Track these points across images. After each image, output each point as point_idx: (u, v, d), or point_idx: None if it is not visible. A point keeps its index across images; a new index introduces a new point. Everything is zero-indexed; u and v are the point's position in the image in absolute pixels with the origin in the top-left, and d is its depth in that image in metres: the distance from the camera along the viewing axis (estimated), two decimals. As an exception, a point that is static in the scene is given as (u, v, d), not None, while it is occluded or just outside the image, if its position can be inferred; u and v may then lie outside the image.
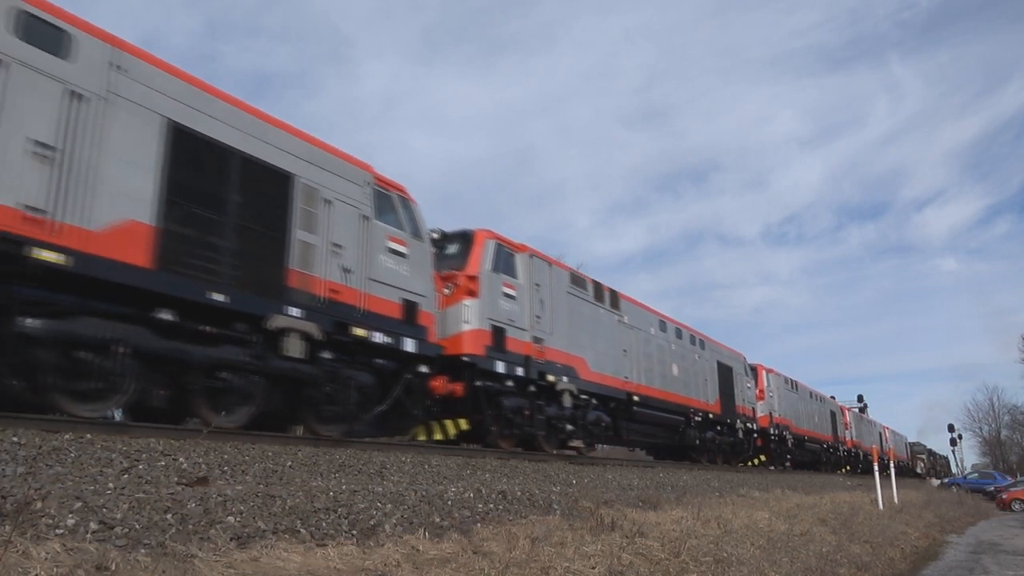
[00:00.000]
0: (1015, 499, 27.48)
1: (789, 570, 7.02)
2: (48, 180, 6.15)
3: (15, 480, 4.11)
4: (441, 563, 4.61)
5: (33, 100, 6.13)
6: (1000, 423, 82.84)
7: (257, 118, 8.23)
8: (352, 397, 8.81)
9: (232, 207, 7.63)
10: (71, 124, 6.41)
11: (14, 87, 6.00)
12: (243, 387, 7.71)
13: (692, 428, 18.44)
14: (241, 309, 7.58)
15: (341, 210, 8.95)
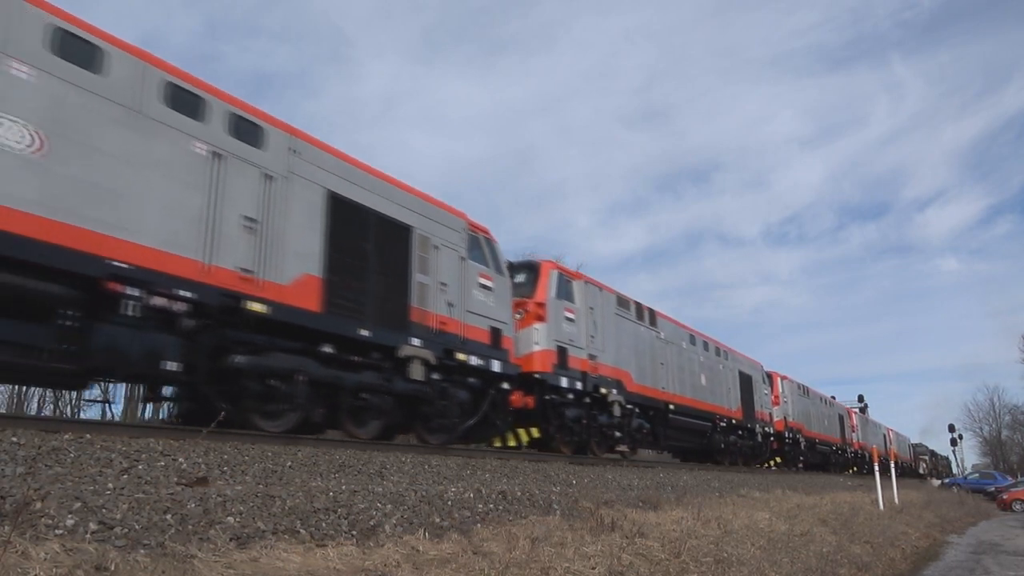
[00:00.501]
0: (1016, 499, 27.46)
1: (789, 570, 7.01)
2: (254, 246, 7.87)
3: (14, 480, 4.11)
4: (441, 563, 4.60)
5: (242, 184, 7.85)
6: (1000, 423, 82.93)
7: (385, 181, 9.97)
8: (454, 411, 10.46)
9: (371, 257, 9.40)
10: (266, 200, 8.12)
11: (230, 175, 7.73)
12: (378, 405, 9.25)
13: (718, 433, 19.94)
14: (379, 342, 9.21)
15: (445, 253, 10.74)
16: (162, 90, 7.28)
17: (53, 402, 27.41)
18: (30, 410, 25.94)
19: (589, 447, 13.67)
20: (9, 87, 6.06)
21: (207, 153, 7.59)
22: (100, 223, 6.54)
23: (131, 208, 6.82)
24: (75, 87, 6.54)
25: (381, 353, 9.25)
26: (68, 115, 6.45)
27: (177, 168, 7.28)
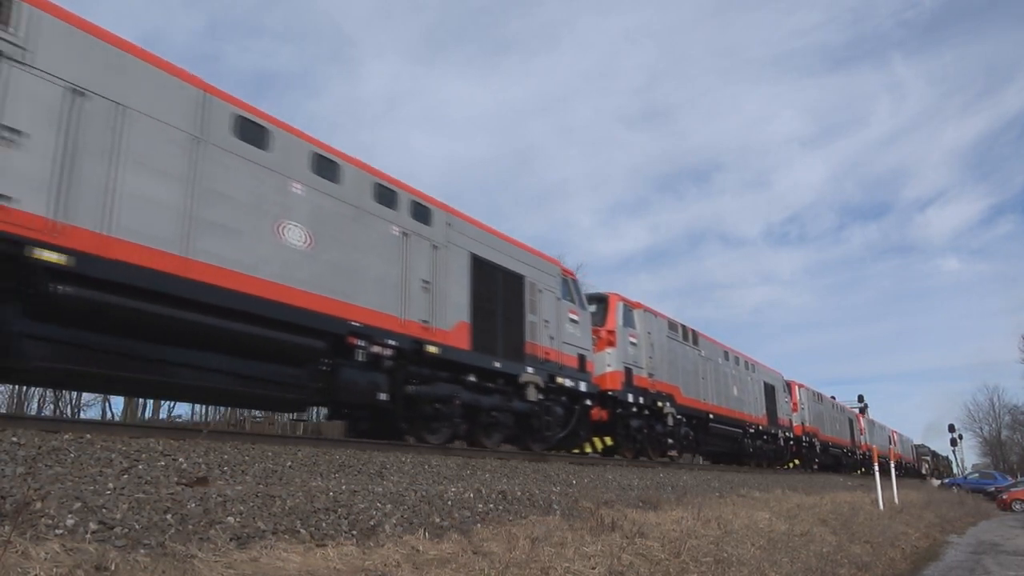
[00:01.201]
0: (1016, 499, 27.45)
1: (789, 570, 7.01)
2: (429, 302, 10.18)
3: (15, 480, 4.11)
4: (441, 563, 4.60)
5: (420, 254, 10.23)
6: (1000, 423, 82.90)
7: (506, 240, 12.38)
8: (554, 424, 12.59)
9: (499, 303, 11.66)
10: (434, 265, 10.43)
11: (412, 249, 10.09)
12: (503, 421, 11.44)
13: (747, 438, 22.46)
14: (506, 371, 11.43)
15: (547, 296, 12.93)
16: (374, 190, 9.68)
17: (53, 402, 27.42)
18: (30, 410, 25.96)
19: (646, 452, 15.97)
20: (293, 201, 8.44)
21: (399, 234, 9.99)
22: (343, 294, 8.87)
23: (359, 281, 9.17)
24: (326, 195, 8.90)
25: (505, 379, 11.51)
26: (323, 217, 8.82)
27: (383, 248, 9.67)
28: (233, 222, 7.72)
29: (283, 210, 8.28)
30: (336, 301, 8.72)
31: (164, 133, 7.23)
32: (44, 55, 6.37)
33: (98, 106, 6.71)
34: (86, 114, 6.60)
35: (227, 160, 7.79)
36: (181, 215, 7.21)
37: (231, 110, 7.96)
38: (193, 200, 7.35)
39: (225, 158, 7.78)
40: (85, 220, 6.42)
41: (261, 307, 7.76)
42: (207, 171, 7.55)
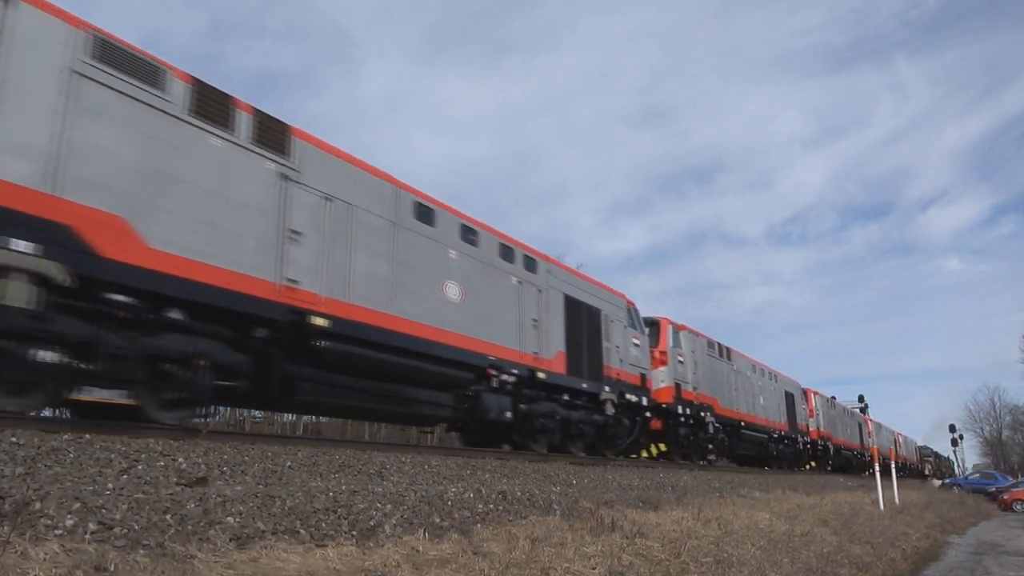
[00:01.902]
0: (1016, 500, 27.43)
1: (790, 571, 7.00)
2: (537, 337, 12.56)
3: (14, 481, 4.10)
4: (441, 563, 4.60)
5: (530, 298, 12.63)
6: (1001, 423, 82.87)
7: (587, 280, 15.06)
8: (622, 434, 15.08)
9: (584, 333, 14.06)
10: (539, 306, 12.82)
11: (525, 294, 12.47)
12: (587, 431, 13.78)
13: (772, 443, 25.19)
14: (591, 390, 13.84)
15: (617, 325, 15.40)
16: (499, 249, 12.11)
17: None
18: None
19: (691, 456, 18.45)
20: (450, 264, 10.81)
21: (516, 283, 12.37)
22: (483, 335, 11.13)
23: (493, 323, 11.47)
24: (470, 257, 11.24)
25: (588, 397, 13.80)
26: (469, 274, 11.06)
27: (507, 295, 12.03)
28: (416, 285, 10.06)
29: (444, 272, 10.68)
30: (479, 341, 11.10)
31: (376, 222, 9.59)
32: (309, 174, 8.63)
33: (339, 207, 9.01)
34: (332, 214, 8.90)
35: (411, 237, 10.17)
36: (388, 283, 9.55)
37: (412, 198, 10.32)
38: (393, 271, 9.68)
39: (410, 236, 10.17)
40: (335, 293, 8.70)
41: (433, 348, 10.09)
42: (400, 247, 9.96)
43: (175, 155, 7.23)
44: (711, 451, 19.43)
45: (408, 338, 9.62)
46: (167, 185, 7.10)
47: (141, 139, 6.95)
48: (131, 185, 6.79)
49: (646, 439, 16.68)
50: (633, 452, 16.64)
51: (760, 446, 23.82)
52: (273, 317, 7.86)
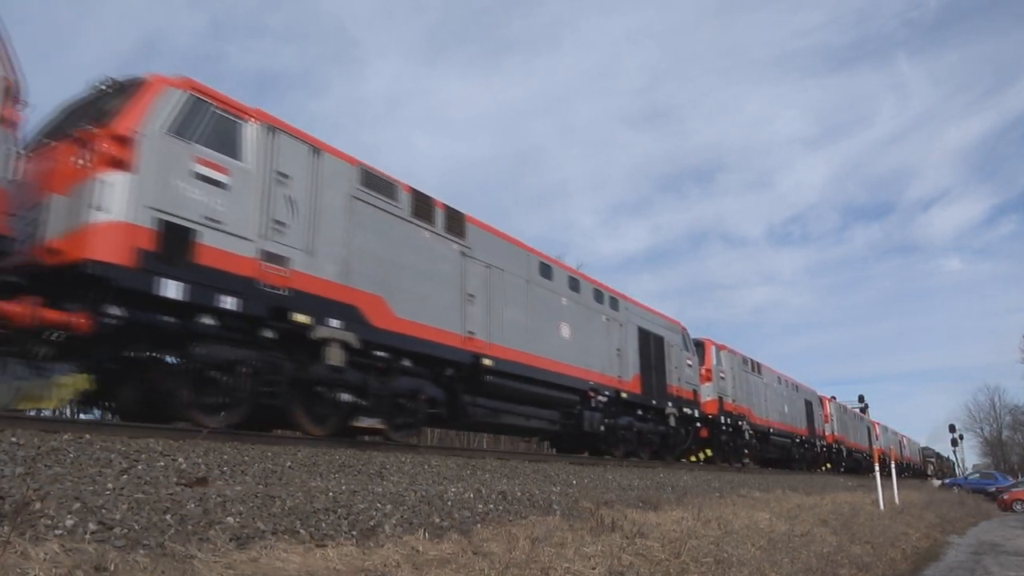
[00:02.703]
0: (1016, 500, 27.42)
1: (790, 571, 7.00)
2: (620, 363, 15.32)
3: (14, 481, 4.10)
4: (441, 563, 4.60)
5: (615, 331, 15.44)
6: (1001, 423, 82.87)
7: (654, 313, 17.66)
8: (680, 441, 17.61)
9: (652, 358, 16.72)
10: (622, 337, 15.61)
11: (612, 328, 15.28)
12: (654, 440, 16.42)
13: (795, 447, 27.93)
14: (658, 406, 16.51)
15: (675, 349, 18.09)
16: (593, 293, 14.87)
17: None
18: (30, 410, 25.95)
19: (729, 459, 20.91)
20: (562, 309, 13.51)
21: (605, 319, 15.10)
22: (585, 365, 13.78)
23: (591, 355, 14.13)
24: (575, 302, 14.02)
25: (655, 411, 16.46)
26: (574, 316, 13.84)
27: (599, 331, 14.77)
28: (542, 327, 12.71)
29: (559, 315, 13.38)
30: (583, 369, 13.66)
31: (517, 281, 12.31)
32: (477, 250, 11.35)
33: (495, 273, 11.74)
34: (491, 279, 11.62)
35: (538, 291, 12.86)
36: (525, 328, 12.19)
37: (538, 259, 13.09)
38: (528, 318, 12.36)
39: (537, 290, 12.83)
40: (494, 338, 11.32)
41: (553, 377, 12.65)
42: (532, 299, 12.61)
43: (404, 247, 9.93)
44: (746, 455, 22.08)
45: (539, 370, 12.33)
46: (401, 270, 9.77)
47: (386, 238, 9.63)
48: (382, 272, 9.44)
49: (696, 445, 19.57)
50: (685, 456, 19.25)
51: (785, 450, 26.77)
52: (460, 360, 10.56)
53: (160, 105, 7.32)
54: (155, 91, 7.41)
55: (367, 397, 8.90)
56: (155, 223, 6.95)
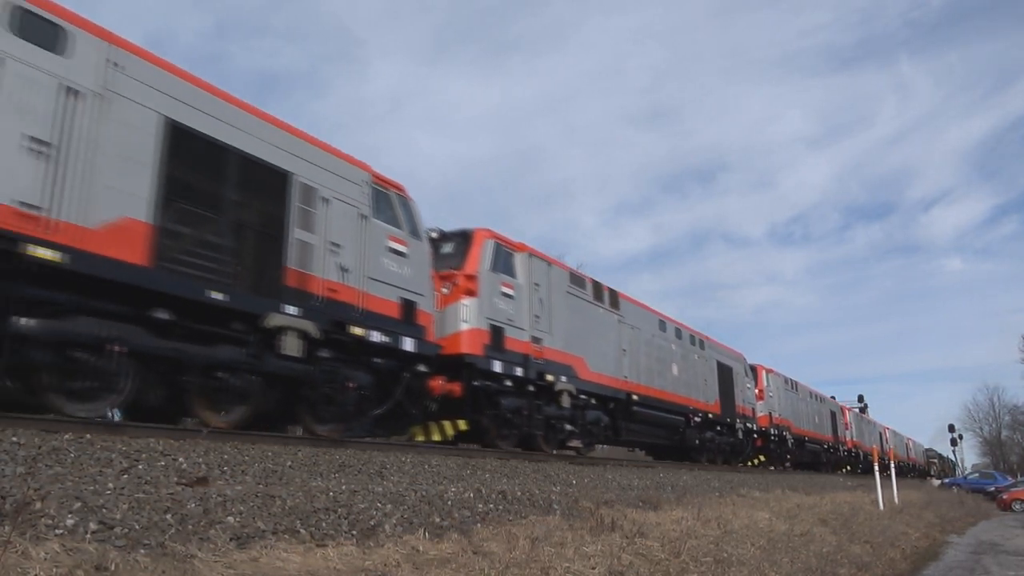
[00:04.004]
0: (1016, 499, 27.44)
1: (789, 570, 7.01)
2: (706, 391, 20.37)
3: (14, 480, 4.10)
4: (441, 563, 4.60)
5: (702, 366, 20.45)
6: (1000, 423, 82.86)
7: (724, 348, 21.57)
8: (744, 448, 22.49)
9: (726, 385, 21.44)
10: (707, 370, 20.92)
11: (699, 364, 20.48)
12: (726, 448, 21.08)
13: (823, 452, 32.24)
14: (730, 422, 21.05)
15: (740, 376, 22.84)
16: (690, 338, 19.10)
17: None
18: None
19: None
20: (674, 351, 18.37)
21: (696, 357, 19.71)
22: (687, 394, 18.27)
23: (691, 386, 18.58)
24: (681, 347, 18.64)
25: (727, 427, 20.66)
26: (680, 357, 18.07)
27: (694, 365, 19.28)
28: (662, 368, 17.42)
29: (670, 358, 17.97)
30: (686, 398, 18.20)
31: (648, 336, 17.29)
32: (626, 316, 16.18)
33: (637, 332, 16.59)
34: (635, 336, 16.47)
35: (660, 341, 17.76)
36: (653, 370, 16.98)
37: (657, 318, 17.98)
38: (655, 362, 17.20)
39: (660, 340, 17.76)
40: (639, 379, 16.32)
41: (669, 406, 17.29)
42: (656, 348, 17.47)
43: (590, 322, 14.57)
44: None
45: (661, 401, 16.93)
46: (589, 338, 14.23)
47: (582, 317, 14.24)
48: (582, 341, 13.88)
49: (752, 452, 23.07)
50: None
51: (816, 455, 30.37)
52: (619, 397, 15.10)
53: (484, 252, 11.88)
54: (480, 242, 11.92)
55: (576, 426, 13.39)
56: (488, 327, 11.46)
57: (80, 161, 6.54)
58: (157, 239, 7.00)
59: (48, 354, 6.20)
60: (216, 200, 7.74)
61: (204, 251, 7.51)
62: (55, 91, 6.42)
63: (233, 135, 8.00)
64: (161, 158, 7.22)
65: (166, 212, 7.14)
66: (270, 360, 8.01)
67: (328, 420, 8.81)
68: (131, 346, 6.76)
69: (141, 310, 6.88)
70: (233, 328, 7.73)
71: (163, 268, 7.02)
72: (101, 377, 6.61)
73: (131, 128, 7.03)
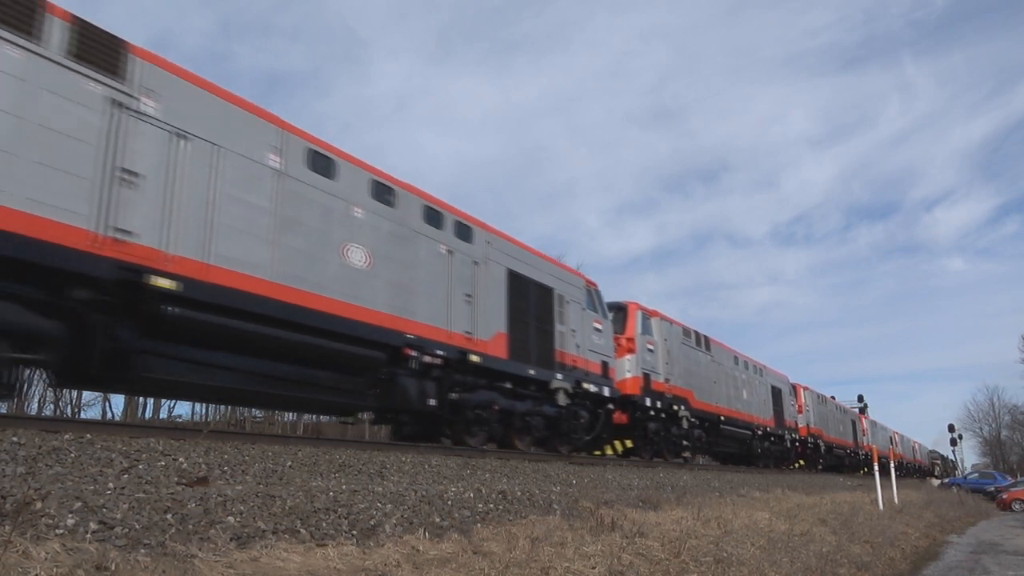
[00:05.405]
0: (1015, 499, 27.44)
1: (789, 570, 7.01)
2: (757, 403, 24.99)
3: (15, 480, 4.11)
4: (441, 563, 4.61)
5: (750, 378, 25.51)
6: (1000, 423, 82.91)
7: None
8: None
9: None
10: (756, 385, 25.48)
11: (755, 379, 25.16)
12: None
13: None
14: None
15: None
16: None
17: (54, 402, 27.40)
18: (31, 410, 25.97)
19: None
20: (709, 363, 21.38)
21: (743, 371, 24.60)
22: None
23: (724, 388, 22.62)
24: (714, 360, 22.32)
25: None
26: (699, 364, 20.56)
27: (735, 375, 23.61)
28: (737, 394, 22.63)
29: (742, 386, 22.62)
30: (753, 416, 22.42)
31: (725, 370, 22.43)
32: (715, 355, 21.58)
33: (720, 367, 21.86)
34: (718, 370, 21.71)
35: (740, 374, 23.43)
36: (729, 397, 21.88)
37: (731, 354, 22.91)
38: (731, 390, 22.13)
39: (740, 373, 23.43)
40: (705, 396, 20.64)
41: (742, 423, 21.51)
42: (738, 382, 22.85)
43: (694, 363, 18.98)
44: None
45: (738, 420, 21.73)
46: (695, 376, 18.69)
47: (689, 359, 18.93)
48: (690, 378, 18.39)
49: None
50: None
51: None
52: (713, 419, 19.97)
53: (637, 320, 16.99)
54: (633, 313, 17.08)
55: (689, 441, 18.43)
56: (642, 374, 16.45)
57: (479, 302, 11.40)
58: (509, 341, 11.93)
59: (466, 412, 10.82)
60: (526, 312, 12.59)
61: (524, 344, 12.29)
62: (471, 265, 11.43)
63: (531, 271, 13.03)
64: (507, 293, 12.17)
65: (511, 324, 12.04)
66: (548, 407, 12.79)
67: (566, 443, 13.38)
68: (499, 405, 11.50)
69: (500, 382, 11.61)
70: (531, 389, 12.42)
71: (512, 358, 11.90)
72: (484, 424, 11.24)
73: (496, 279, 11.98)
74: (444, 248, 10.87)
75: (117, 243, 6.63)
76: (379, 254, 9.59)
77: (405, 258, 10.05)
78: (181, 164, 7.28)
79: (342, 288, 8.87)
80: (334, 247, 8.90)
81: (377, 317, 9.30)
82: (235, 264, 7.62)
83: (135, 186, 6.85)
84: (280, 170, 8.37)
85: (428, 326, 10.17)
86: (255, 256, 7.84)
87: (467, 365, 10.72)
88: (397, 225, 10.02)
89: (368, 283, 9.28)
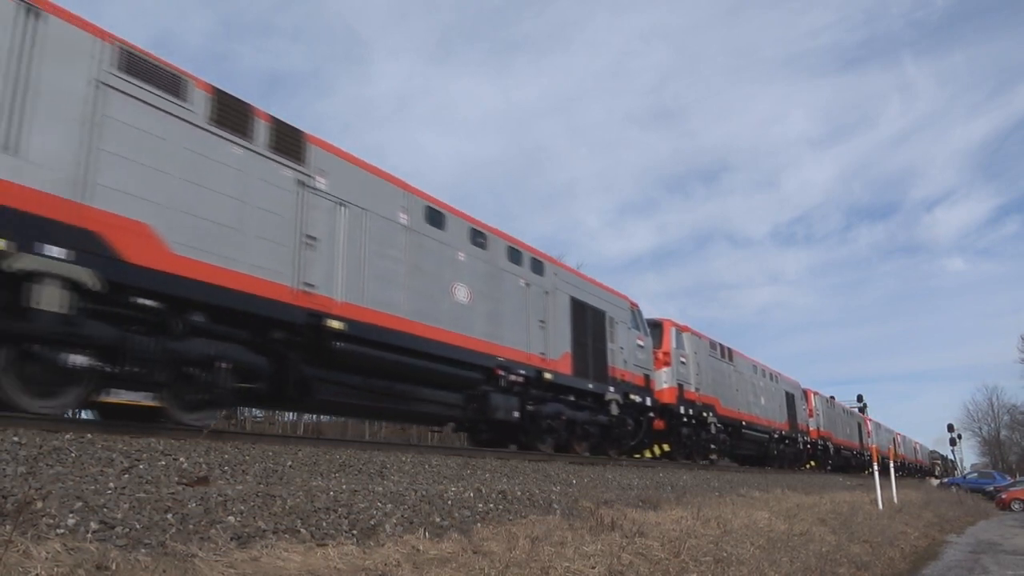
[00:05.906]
0: (1015, 499, 27.46)
1: (789, 570, 7.02)
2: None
3: (16, 480, 4.11)
4: (441, 563, 4.61)
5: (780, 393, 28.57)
6: (999, 423, 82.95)
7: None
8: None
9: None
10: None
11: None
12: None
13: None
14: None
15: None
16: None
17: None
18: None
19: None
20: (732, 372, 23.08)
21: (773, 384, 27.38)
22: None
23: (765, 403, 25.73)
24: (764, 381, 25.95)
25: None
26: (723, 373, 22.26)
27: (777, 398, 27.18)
28: (756, 400, 23.77)
29: (760, 392, 24.11)
30: (770, 421, 24.39)
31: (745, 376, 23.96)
32: (737, 365, 23.44)
33: (736, 373, 23.02)
34: (732, 374, 22.64)
35: (758, 382, 24.49)
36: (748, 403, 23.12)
37: (750, 363, 23.69)
38: (751, 396, 22.85)
39: (758, 380, 24.87)
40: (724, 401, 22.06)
41: (761, 427, 22.64)
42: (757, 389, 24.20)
43: (719, 373, 20.86)
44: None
45: (757, 425, 22.29)
46: (720, 385, 20.87)
47: (715, 370, 20.76)
48: (716, 386, 20.36)
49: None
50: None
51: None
52: (736, 424, 21.35)
53: (672, 336, 18.66)
54: (668, 329, 18.82)
55: (717, 444, 19.90)
56: (677, 384, 17.98)
57: (550, 326, 13.19)
58: (573, 359, 13.61)
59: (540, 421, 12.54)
60: (585, 334, 14.24)
61: (584, 362, 13.98)
62: (543, 295, 13.22)
63: (588, 296, 14.78)
64: (571, 317, 13.89)
65: (574, 345, 13.76)
66: (602, 416, 14.41)
67: (615, 447, 15.25)
68: (565, 415, 13.10)
69: (564, 396, 13.32)
70: (588, 400, 14.08)
71: (575, 374, 13.57)
72: (554, 431, 12.90)
73: (561, 306, 13.73)
74: (523, 282, 12.74)
75: (306, 295, 8.34)
76: (477, 290, 11.37)
77: (495, 292, 11.87)
78: (342, 227, 9.03)
79: (451, 320, 10.65)
80: (446, 286, 10.72)
81: (476, 344, 11.02)
82: (380, 305, 9.35)
83: (314, 248, 8.56)
84: (408, 226, 10.16)
85: (513, 349, 11.95)
86: (393, 298, 9.58)
87: (541, 381, 12.53)
88: (489, 264, 11.88)
89: (469, 315, 11.07)
